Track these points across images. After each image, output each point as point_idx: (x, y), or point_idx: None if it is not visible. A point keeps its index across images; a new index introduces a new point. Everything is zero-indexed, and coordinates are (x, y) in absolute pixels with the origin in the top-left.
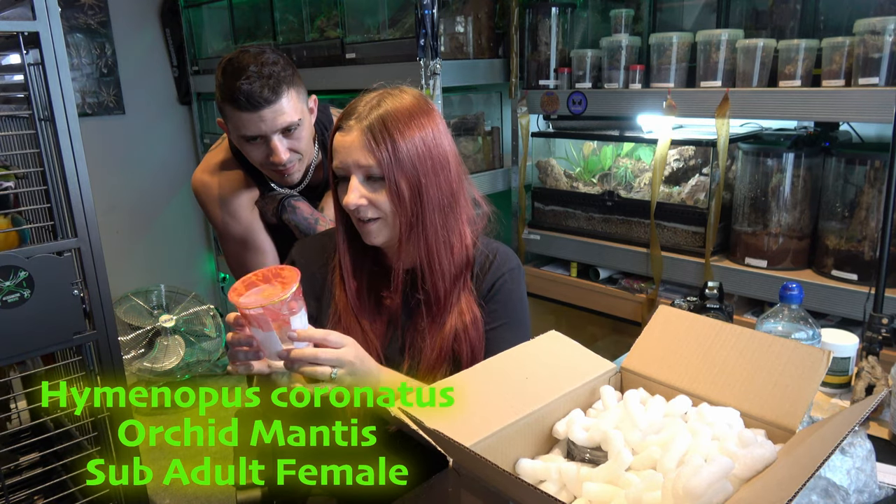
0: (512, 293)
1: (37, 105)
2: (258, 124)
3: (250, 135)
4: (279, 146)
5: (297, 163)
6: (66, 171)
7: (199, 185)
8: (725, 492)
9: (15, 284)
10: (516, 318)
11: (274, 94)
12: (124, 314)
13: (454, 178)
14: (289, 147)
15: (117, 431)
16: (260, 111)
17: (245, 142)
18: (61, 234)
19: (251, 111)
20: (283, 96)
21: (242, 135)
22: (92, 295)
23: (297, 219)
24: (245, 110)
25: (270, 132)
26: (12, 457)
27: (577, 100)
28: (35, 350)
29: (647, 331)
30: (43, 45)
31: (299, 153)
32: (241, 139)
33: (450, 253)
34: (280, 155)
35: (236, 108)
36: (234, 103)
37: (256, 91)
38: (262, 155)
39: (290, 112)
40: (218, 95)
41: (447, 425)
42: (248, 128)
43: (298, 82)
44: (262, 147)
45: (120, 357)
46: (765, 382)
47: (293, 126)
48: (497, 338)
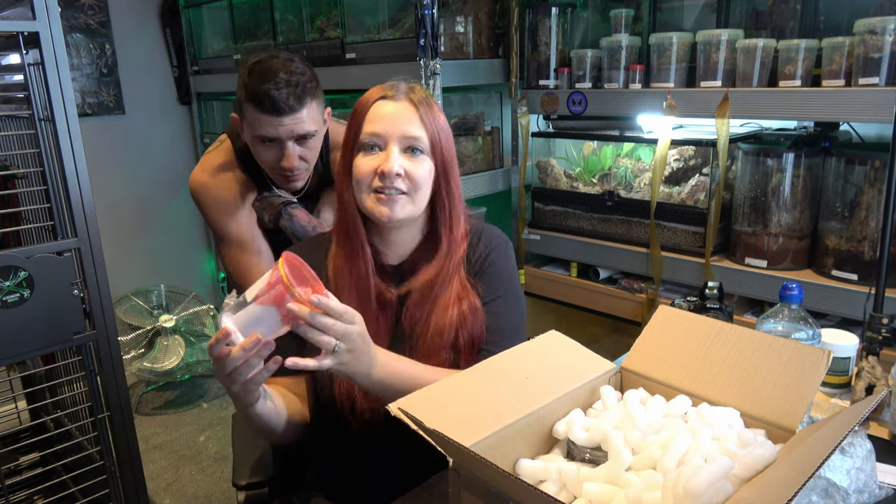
0: (503, 267)
1: (37, 105)
2: (277, 128)
3: (267, 136)
4: (292, 152)
5: (304, 171)
6: (66, 171)
7: (197, 187)
8: (725, 492)
9: (15, 284)
10: (511, 290)
11: (298, 103)
12: (124, 314)
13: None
14: (300, 154)
15: (117, 432)
16: (281, 117)
17: (259, 142)
18: (61, 234)
19: (273, 115)
20: (306, 107)
21: (259, 135)
22: (92, 295)
23: (295, 227)
24: (267, 113)
25: (287, 138)
26: (12, 457)
27: (577, 100)
28: (35, 350)
29: (647, 331)
30: (43, 45)
31: (308, 162)
32: (256, 139)
33: (460, 237)
34: (292, 160)
35: (259, 109)
36: (259, 105)
37: (283, 97)
38: (274, 158)
39: (309, 122)
40: (241, 94)
41: (447, 425)
42: (266, 130)
43: (320, 95)
44: (275, 150)
45: (120, 357)
46: (765, 382)
47: (309, 135)
48: (494, 312)
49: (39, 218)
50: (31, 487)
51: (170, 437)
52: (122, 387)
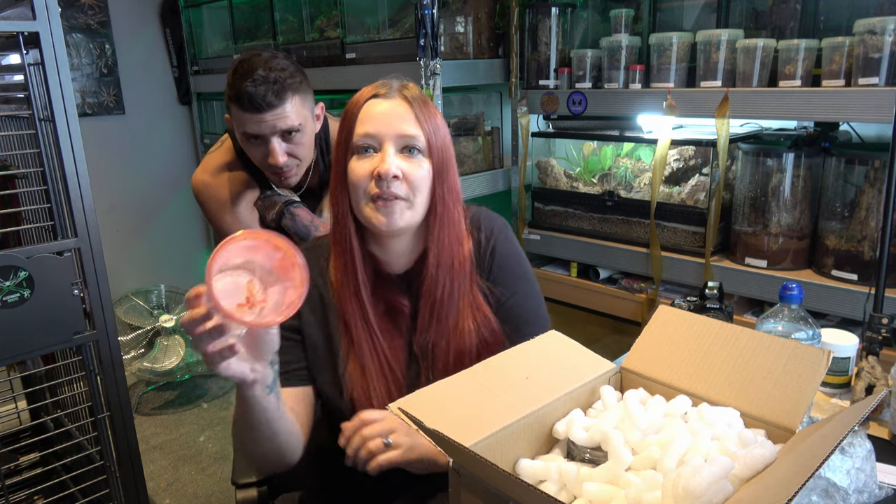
0: (510, 254)
1: (37, 105)
2: (259, 125)
3: (251, 133)
4: (277, 148)
5: (296, 168)
6: (66, 171)
7: (199, 186)
8: (725, 492)
9: (15, 284)
10: (525, 278)
11: (277, 99)
12: (124, 314)
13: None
14: (287, 151)
15: (117, 432)
16: (262, 113)
17: (246, 140)
18: (61, 234)
19: (253, 112)
20: (287, 102)
21: (244, 132)
22: (92, 295)
23: (297, 226)
24: (247, 111)
25: (270, 134)
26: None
27: (577, 100)
28: (35, 350)
29: (647, 331)
30: (43, 45)
31: (298, 158)
32: (243, 137)
33: (460, 242)
34: (277, 157)
35: (240, 107)
36: (239, 103)
37: (260, 94)
38: (261, 155)
39: (292, 117)
40: (227, 93)
41: (447, 425)
42: (249, 127)
43: (305, 89)
44: (262, 147)
45: (120, 357)
46: (765, 382)
47: (293, 130)
48: (514, 306)
49: (39, 218)
50: (31, 487)
51: (170, 437)
52: (122, 387)
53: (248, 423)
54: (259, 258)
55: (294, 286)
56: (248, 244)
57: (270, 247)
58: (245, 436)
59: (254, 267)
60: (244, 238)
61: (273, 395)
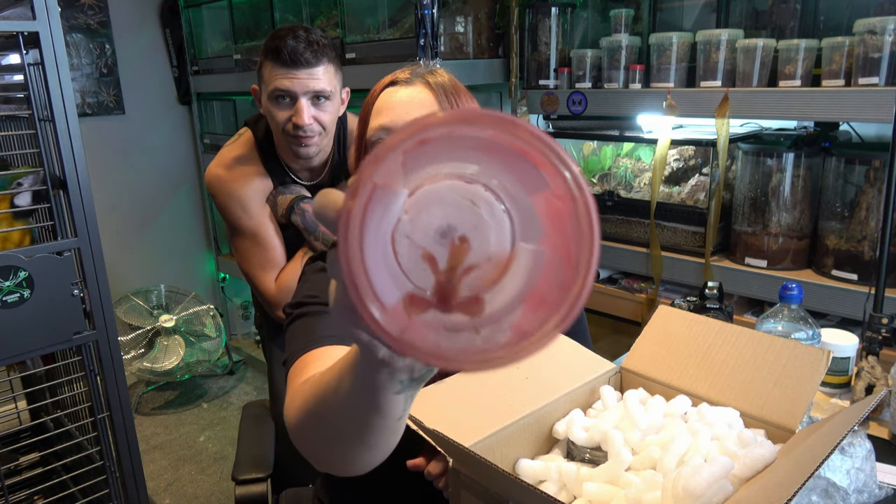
0: None
1: (37, 105)
2: (292, 81)
3: (281, 89)
4: (304, 107)
5: (317, 137)
6: (66, 171)
7: (213, 179)
8: (725, 492)
9: (15, 284)
10: None
11: (315, 58)
12: (124, 314)
13: None
14: (314, 115)
15: (117, 432)
16: (297, 69)
17: (274, 101)
18: (61, 234)
19: (288, 67)
20: (322, 65)
21: (274, 89)
22: (92, 295)
23: (307, 222)
24: (283, 65)
25: (301, 92)
26: (12, 457)
27: (577, 100)
28: (35, 350)
29: (647, 331)
30: (43, 45)
31: (322, 127)
32: (271, 98)
33: None
34: (303, 115)
35: (276, 62)
36: (276, 57)
37: (300, 49)
38: (286, 116)
39: (324, 80)
40: (261, 55)
41: (447, 425)
42: (280, 82)
43: (338, 65)
44: (288, 108)
45: (120, 357)
46: (765, 382)
47: (322, 95)
48: None
49: (39, 218)
50: (31, 487)
51: (170, 437)
52: (122, 387)
53: (347, 415)
54: (499, 169)
55: (579, 263)
56: (471, 129)
57: (520, 150)
58: (329, 427)
59: (478, 196)
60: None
61: (402, 396)
